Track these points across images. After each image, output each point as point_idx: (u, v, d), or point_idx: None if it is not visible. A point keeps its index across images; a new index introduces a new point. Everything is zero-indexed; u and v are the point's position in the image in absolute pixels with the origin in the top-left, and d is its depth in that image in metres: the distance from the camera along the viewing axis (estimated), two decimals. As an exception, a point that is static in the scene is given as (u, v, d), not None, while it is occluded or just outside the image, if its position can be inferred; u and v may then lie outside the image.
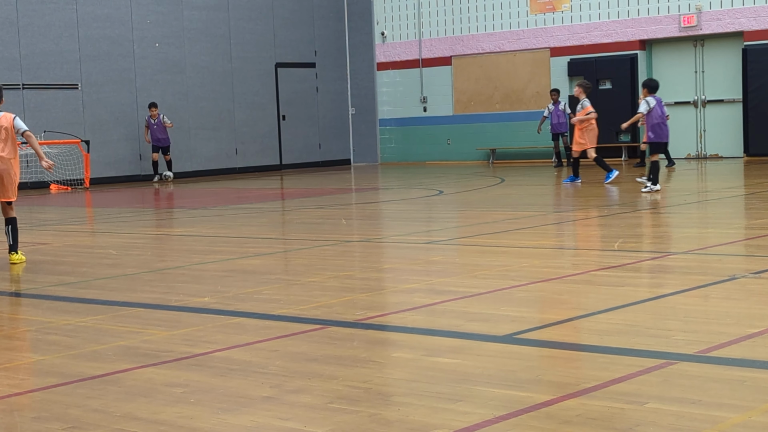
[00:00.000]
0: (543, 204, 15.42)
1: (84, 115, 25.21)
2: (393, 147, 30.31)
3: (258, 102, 28.71)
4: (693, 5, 24.79)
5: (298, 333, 6.37)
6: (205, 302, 7.65)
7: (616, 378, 4.92)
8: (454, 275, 8.69)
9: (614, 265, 8.67)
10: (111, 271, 9.70)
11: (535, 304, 7.29)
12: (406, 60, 29.78)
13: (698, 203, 14.45)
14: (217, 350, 5.96)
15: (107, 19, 25.51)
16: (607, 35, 26.09)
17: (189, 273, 9.36)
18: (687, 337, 5.78)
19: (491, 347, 5.79)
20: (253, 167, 28.61)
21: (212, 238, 12.40)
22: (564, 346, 5.83)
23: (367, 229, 13.08)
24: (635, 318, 6.40)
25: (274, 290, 8.13)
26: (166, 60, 26.67)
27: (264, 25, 28.83)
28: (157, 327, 6.77)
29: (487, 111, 28.37)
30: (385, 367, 5.49)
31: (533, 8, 27.23)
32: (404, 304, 7.37)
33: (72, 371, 5.57)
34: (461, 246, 10.77)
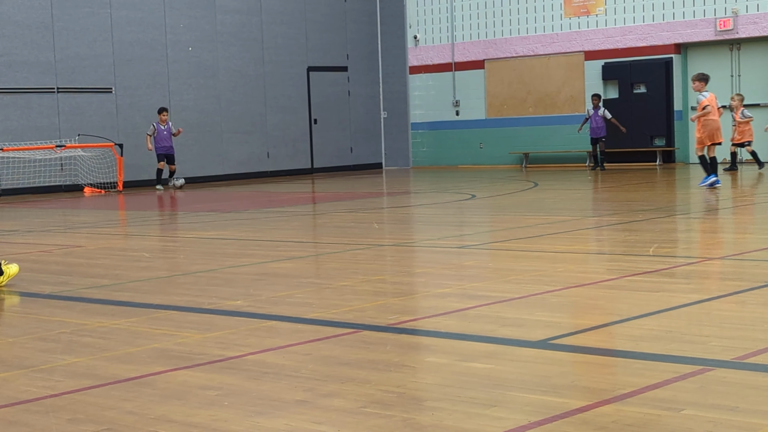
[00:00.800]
0: (577, 208, 15.35)
1: (117, 119, 25.35)
2: (425, 151, 30.28)
3: (290, 106, 28.77)
4: (729, 9, 24.61)
5: (331, 337, 6.36)
6: (238, 305, 7.66)
7: (651, 384, 4.87)
8: (487, 280, 8.65)
9: (649, 271, 8.60)
10: (144, 273, 9.74)
11: (569, 310, 7.24)
12: (439, 63, 29.74)
13: (734, 208, 14.34)
14: (250, 353, 5.96)
15: (141, 23, 25.65)
16: (642, 39, 25.94)
17: (221, 276, 9.38)
18: (723, 343, 5.71)
19: (525, 352, 5.75)
20: (284, 171, 28.67)
21: (244, 241, 12.41)
22: (599, 351, 5.78)
23: (399, 233, 13.06)
24: (671, 324, 6.35)
25: (307, 294, 8.12)
26: (198, 64, 26.78)
27: (296, 29, 28.90)
28: (191, 330, 6.78)
29: (520, 115, 28.28)
30: (419, 371, 5.47)
31: (567, 11, 27.13)
32: (437, 309, 7.34)
33: (106, 373, 5.58)
34: (494, 250, 10.73)
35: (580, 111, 27.03)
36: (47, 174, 24.16)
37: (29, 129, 23.84)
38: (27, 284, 9.28)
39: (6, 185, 23.51)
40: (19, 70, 23.71)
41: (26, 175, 23.84)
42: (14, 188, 23.61)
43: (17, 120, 23.68)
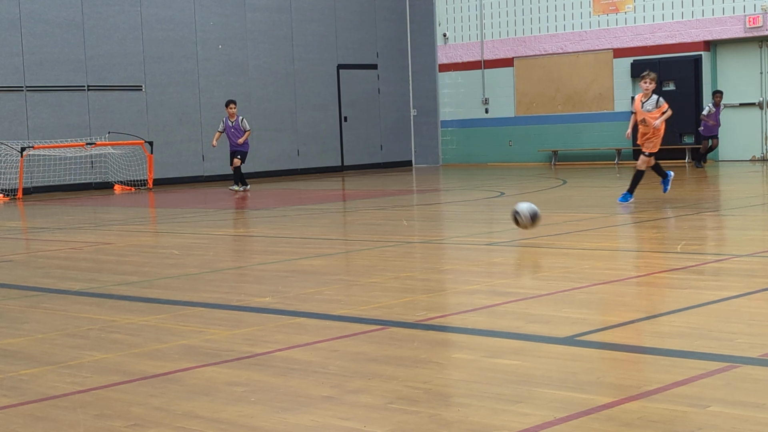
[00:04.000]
0: (605, 206, 15.30)
1: (147, 117, 25.49)
2: (454, 148, 30.26)
3: (320, 103, 28.83)
4: (759, 5, 24.44)
5: (359, 333, 6.38)
6: (266, 302, 7.69)
7: (678, 381, 4.87)
8: (515, 277, 8.65)
9: (677, 268, 8.57)
10: (173, 271, 9.80)
11: (596, 306, 7.23)
12: (468, 61, 29.71)
13: (763, 205, 14.25)
14: (277, 350, 5.99)
15: (171, 21, 25.78)
16: (671, 36, 25.81)
17: (250, 273, 9.42)
18: (751, 340, 5.69)
19: (552, 349, 5.76)
20: (314, 168, 28.74)
21: (273, 238, 12.46)
22: (625, 348, 5.78)
23: (428, 231, 13.07)
24: (698, 321, 6.33)
25: (335, 291, 8.15)
26: (228, 61, 26.89)
27: (326, 27, 28.95)
28: (219, 326, 6.82)
29: (549, 113, 28.21)
30: (446, 368, 5.48)
31: (596, 9, 27.03)
32: (465, 305, 7.35)
33: (134, 369, 5.63)
34: (522, 248, 10.72)
35: (608, 108, 26.93)
36: (78, 171, 24.33)
37: (60, 127, 24.02)
38: (57, 281, 9.36)
39: (37, 182, 23.70)
40: (50, 69, 23.89)
41: (57, 172, 24.01)
42: (45, 186, 23.80)
43: (48, 118, 23.86)
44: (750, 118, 25.09)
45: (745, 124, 25.00)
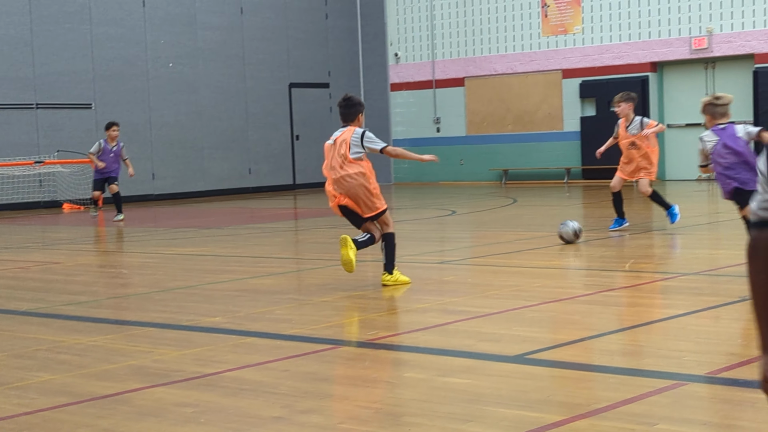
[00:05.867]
0: (555, 225, 15.39)
1: (97, 135, 25.25)
2: (406, 167, 30.34)
3: (271, 122, 28.79)
4: (704, 28, 24.80)
5: (310, 353, 6.37)
6: (217, 322, 7.66)
7: (626, 399, 4.91)
8: (467, 295, 8.69)
9: (625, 286, 8.65)
10: (122, 290, 9.73)
11: (546, 325, 7.28)
12: (420, 81, 29.84)
13: (709, 224, 14.42)
14: (227, 370, 5.96)
15: (121, 39, 25.65)
16: (619, 57, 26.10)
17: (200, 292, 9.38)
18: (698, 358, 5.76)
19: (503, 367, 5.79)
20: (266, 187, 28.67)
21: (224, 257, 12.41)
22: (575, 366, 5.82)
23: (379, 249, 13.06)
24: (646, 339, 6.39)
25: (286, 310, 8.14)
26: (179, 80, 26.78)
27: (278, 46, 28.94)
28: (168, 346, 6.78)
29: (499, 132, 28.38)
30: (397, 387, 5.49)
31: (545, 30, 27.29)
32: (416, 324, 7.37)
33: (82, 390, 5.58)
34: (473, 266, 10.77)
35: (557, 128, 27.14)
36: (26, 190, 24.07)
37: (8, 145, 23.76)
38: (4, 301, 9.26)
39: (-15, 202, 23.41)
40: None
41: (5, 191, 23.76)
42: (-7, 205, 23.51)
43: (-4, 136, 23.60)
44: (696, 139, 25.30)
45: (691, 144, 25.25)
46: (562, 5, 26.91)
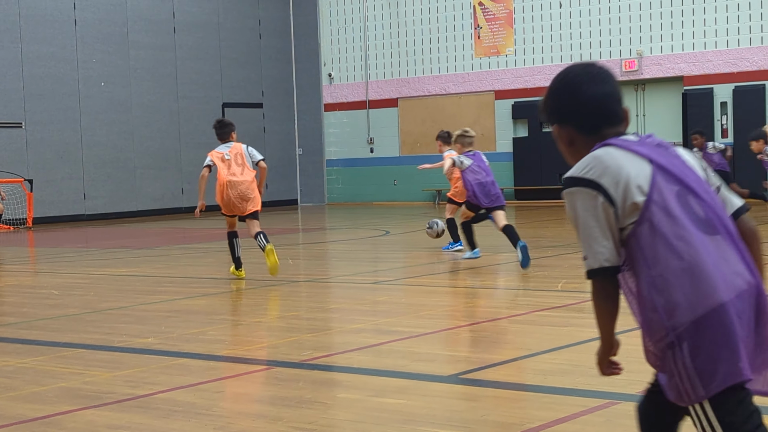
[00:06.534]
0: (488, 245, 15.50)
1: (27, 154, 24.98)
2: (340, 187, 30.35)
3: (205, 142, 28.57)
4: (634, 50, 25.19)
5: (243, 374, 6.33)
6: (149, 343, 7.58)
7: (560, 418, 4.94)
8: (400, 315, 8.70)
9: (558, 306, 8.73)
10: (53, 311, 9.59)
11: (480, 345, 7.31)
12: (353, 101, 29.90)
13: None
14: (160, 392, 5.90)
15: (52, 57, 25.37)
16: (550, 78, 26.29)
17: (132, 313, 9.28)
18: (629, 377, 5.81)
19: (437, 387, 5.80)
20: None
21: (157, 278, 12.30)
22: (508, 386, 5.85)
23: (313, 269, 13.06)
24: (579, 358, 6.44)
25: (219, 331, 8.08)
26: (111, 99, 26.55)
27: (211, 65, 28.83)
28: (100, 368, 6.69)
29: (433, 152, 28.45)
30: (331, 408, 5.47)
31: (478, 52, 27.52)
32: (350, 345, 7.36)
33: (11, 413, 5.48)
34: (407, 286, 10.79)
35: (490, 149, 27.34)
36: (-46, 210, 23.67)
37: (-65, 164, 23.37)
38: (-69, 323, 9.07)
39: None
40: (-74, 105, 23.27)
41: (-68, 211, 23.33)
42: None
43: (-77, 155, 23.20)
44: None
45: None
46: (495, 27, 27.17)
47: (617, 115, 3.14)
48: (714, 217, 2.91)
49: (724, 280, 2.82)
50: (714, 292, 2.81)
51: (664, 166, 2.95)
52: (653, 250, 2.88)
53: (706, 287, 2.81)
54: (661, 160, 2.96)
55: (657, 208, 2.89)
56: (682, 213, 2.88)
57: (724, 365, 2.80)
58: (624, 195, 2.91)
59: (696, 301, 2.82)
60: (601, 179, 2.94)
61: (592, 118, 3.15)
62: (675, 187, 2.92)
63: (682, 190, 2.93)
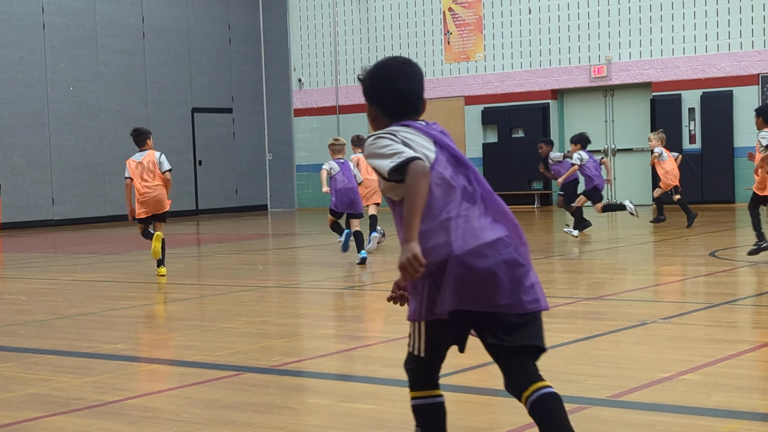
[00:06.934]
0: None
1: (-5, 159, 24.80)
2: (310, 193, 30.32)
3: (174, 147, 28.53)
4: (603, 56, 25.33)
5: (213, 380, 6.32)
6: (118, 349, 7.55)
7: (529, 422, 4.95)
8: (370, 321, 8.70)
9: (528, 311, 8.75)
10: (21, 317, 9.53)
11: (450, 349, 7.32)
12: (323, 107, 29.89)
13: (608, 250, 14.68)
14: (129, 398, 5.88)
15: (20, 61, 25.21)
16: (520, 85, 26.50)
17: (101, 319, 9.24)
18: (599, 382, 5.85)
19: (407, 393, 5.79)
20: (169, 212, 28.30)
21: (126, 283, 12.25)
22: (479, 391, 5.87)
23: (283, 275, 13.04)
24: (548, 362, 6.45)
25: (189, 336, 8.06)
26: (80, 104, 26.41)
27: (180, 70, 28.75)
28: (68, 374, 6.66)
29: (403, 158, 28.57)
30: (301, 413, 5.47)
31: (448, 57, 27.59)
32: (320, 350, 7.36)
33: (-20, 420, 5.45)
34: (377, 292, 10.80)
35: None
36: None
37: None
38: None
39: None
40: None
41: None
42: None
43: None
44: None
45: (591, 170, 25.74)
46: (465, 33, 27.25)
47: (417, 108, 3.93)
48: (478, 188, 3.75)
49: (473, 235, 3.69)
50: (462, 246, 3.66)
51: (446, 146, 3.78)
52: (427, 204, 3.65)
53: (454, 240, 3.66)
54: (445, 140, 3.79)
55: (436, 174, 3.69)
56: (455, 183, 3.71)
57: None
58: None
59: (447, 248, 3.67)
60: (398, 134, 3.73)
61: (397, 108, 3.89)
62: (451, 164, 3.73)
63: (458, 166, 3.75)
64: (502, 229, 3.76)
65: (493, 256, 3.71)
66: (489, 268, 3.71)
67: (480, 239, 3.70)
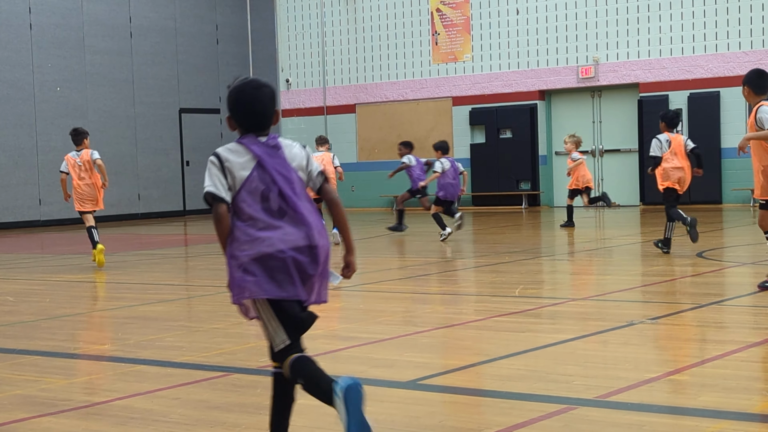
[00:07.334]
0: (445, 251, 15.55)
1: (-19, 160, 24.71)
2: (297, 193, 30.30)
3: (161, 147, 28.49)
4: (590, 57, 25.38)
5: (201, 380, 6.31)
6: (105, 350, 7.53)
7: (518, 423, 4.97)
8: (358, 321, 8.70)
9: (515, 311, 8.77)
10: (8, 318, 9.50)
11: (438, 350, 7.33)
12: (311, 107, 29.87)
13: (596, 250, 14.70)
14: (116, 399, 5.87)
15: (7, 62, 25.13)
16: (508, 85, 26.53)
17: (89, 320, 9.21)
18: (587, 382, 5.86)
19: (395, 393, 5.81)
20: (156, 213, 28.32)
21: (113, 284, 12.22)
22: (467, 391, 5.87)
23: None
24: (536, 363, 6.48)
25: (177, 337, 8.04)
26: (67, 104, 26.34)
27: (168, 71, 28.69)
28: (56, 375, 6.64)
29: (390, 159, 28.54)
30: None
31: (436, 58, 27.60)
32: (308, 351, 7.34)
33: (-34, 421, 5.43)
34: (365, 292, 10.79)
35: (448, 155, 27.42)
36: None
37: None
38: None
39: None
40: None
41: None
42: None
43: None
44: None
45: (579, 171, 25.78)
46: (453, 33, 27.27)
47: (262, 125, 4.59)
48: (285, 206, 4.45)
49: (280, 240, 4.42)
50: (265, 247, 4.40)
51: (264, 164, 4.46)
52: (236, 215, 4.45)
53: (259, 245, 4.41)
54: (265, 159, 4.48)
55: (246, 193, 4.43)
56: (258, 202, 4.43)
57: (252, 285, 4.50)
58: (231, 174, 4.44)
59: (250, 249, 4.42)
60: (223, 154, 4.48)
61: (246, 124, 4.61)
62: (264, 182, 4.44)
63: (270, 184, 4.44)
64: (300, 238, 4.49)
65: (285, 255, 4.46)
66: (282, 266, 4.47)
67: (275, 246, 4.42)
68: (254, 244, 4.39)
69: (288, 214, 4.45)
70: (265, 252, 4.38)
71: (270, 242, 4.38)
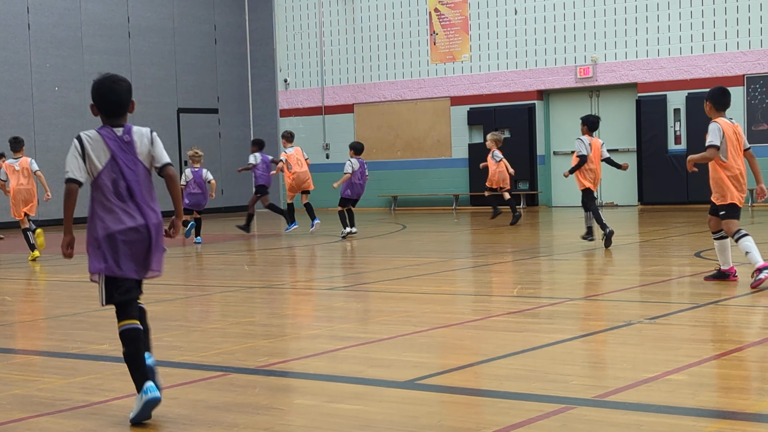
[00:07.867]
0: (444, 250, 15.56)
1: (-21, 159, 24.70)
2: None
3: (159, 147, 28.46)
4: (589, 57, 25.39)
5: (199, 380, 6.31)
6: (104, 349, 7.53)
7: (516, 423, 4.97)
8: (356, 321, 8.70)
9: (513, 311, 8.77)
10: (6, 318, 9.50)
11: (436, 350, 7.33)
12: (309, 107, 29.87)
13: (595, 250, 14.71)
14: (115, 398, 5.87)
15: (5, 62, 25.13)
16: (506, 85, 26.53)
17: (87, 320, 9.21)
18: (585, 382, 5.87)
19: (393, 393, 5.81)
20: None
21: (111, 284, 12.18)
22: (465, 391, 5.88)
23: (269, 275, 13.03)
24: (534, 363, 6.48)
25: (175, 337, 8.04)
26: (65, 104, 26.33)
27: (166, 71, 28.69)
28: (54, 375, 6.64)
29: (388, 158, 28.57)
30: (287, 414, 5.47)
31: (434, 58, 27.60)
32: (306, 351, 7.35)
33: (-36, 421, 5.43)
34: (363, 292, 10.80)
35: (446, 155, 27.43)
36: None
37: None
38: None
39: None
40: None
41: None
42: None
43: None
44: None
45: (577, 171, 25.77)
46: (451, 33, 27.28)
47: (119, 115, 5.64)
48: (125, 191, 5.56)
49: (119, 221, 5.53)
50: (109, 227, 5.54)
51: (116, 157, 5.52)
52: (95, 199, 5.58)
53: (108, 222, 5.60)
54: (117, 153, 5.54)
55: (101, 181, 5.51)
56: (111, 189, 5.50)
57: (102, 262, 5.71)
58: (88, 159, 5.55)
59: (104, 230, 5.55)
60: (84, 141, 5.60)
61: (105, 112, 5.63)
62: (114, 172, 5.50)
63: (118, 175, 5.51)
64: (139, 218, 5.61)
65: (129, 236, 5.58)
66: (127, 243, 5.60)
67: (122, 225, 5.54)
68: (105, 221, 5.53)
69: (132, 199, 5.55)
70: (113, 230, 5.51)
71: (117, 219, 5.51)
